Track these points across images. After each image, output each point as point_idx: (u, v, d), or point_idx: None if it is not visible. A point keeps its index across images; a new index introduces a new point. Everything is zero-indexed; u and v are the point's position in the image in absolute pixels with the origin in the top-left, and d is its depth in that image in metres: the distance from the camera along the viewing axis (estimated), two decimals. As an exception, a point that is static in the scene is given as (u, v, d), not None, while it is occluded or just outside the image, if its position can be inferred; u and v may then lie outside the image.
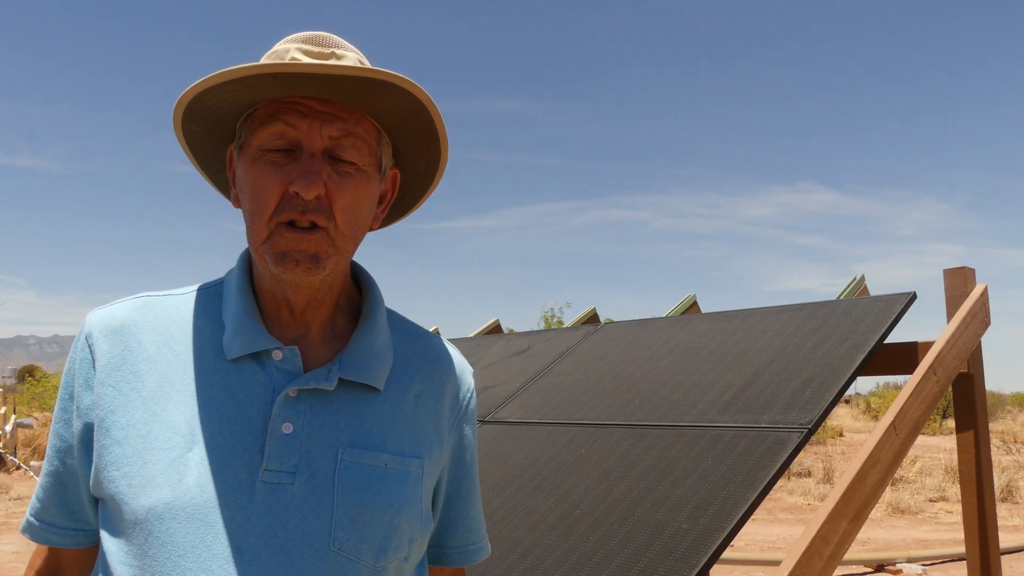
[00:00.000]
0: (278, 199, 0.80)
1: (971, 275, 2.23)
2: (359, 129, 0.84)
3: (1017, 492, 10.07)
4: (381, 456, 0.84)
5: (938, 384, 1.96)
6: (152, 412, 0.81)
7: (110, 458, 0.80)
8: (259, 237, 0.82)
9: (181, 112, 0.84)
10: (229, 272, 0.92)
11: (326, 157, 0.82)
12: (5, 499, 9.17)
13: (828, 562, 1.51)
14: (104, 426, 0.81)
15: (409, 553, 0.86)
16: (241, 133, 0.86)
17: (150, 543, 0.76)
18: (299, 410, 0.82)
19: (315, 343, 0.88)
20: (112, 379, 0.83)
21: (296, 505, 0.79)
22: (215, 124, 0.88)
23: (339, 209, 0.82)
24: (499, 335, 3.43)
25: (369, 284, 0.94)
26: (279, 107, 0.82)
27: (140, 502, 0.77)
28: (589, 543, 1.63)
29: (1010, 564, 6.41)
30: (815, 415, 1.78)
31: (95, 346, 0.85)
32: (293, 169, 0.81)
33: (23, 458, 12.14)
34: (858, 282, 2.84)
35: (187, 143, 0.90)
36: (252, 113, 0.85)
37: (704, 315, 2.69)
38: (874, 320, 2.13)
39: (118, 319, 0.86)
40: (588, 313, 3.65)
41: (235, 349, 0.83)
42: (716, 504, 1.60)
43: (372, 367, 0.88)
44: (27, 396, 19.40)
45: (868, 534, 7.75)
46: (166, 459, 0.79)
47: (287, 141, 0.82)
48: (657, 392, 2.23)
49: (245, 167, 0.84)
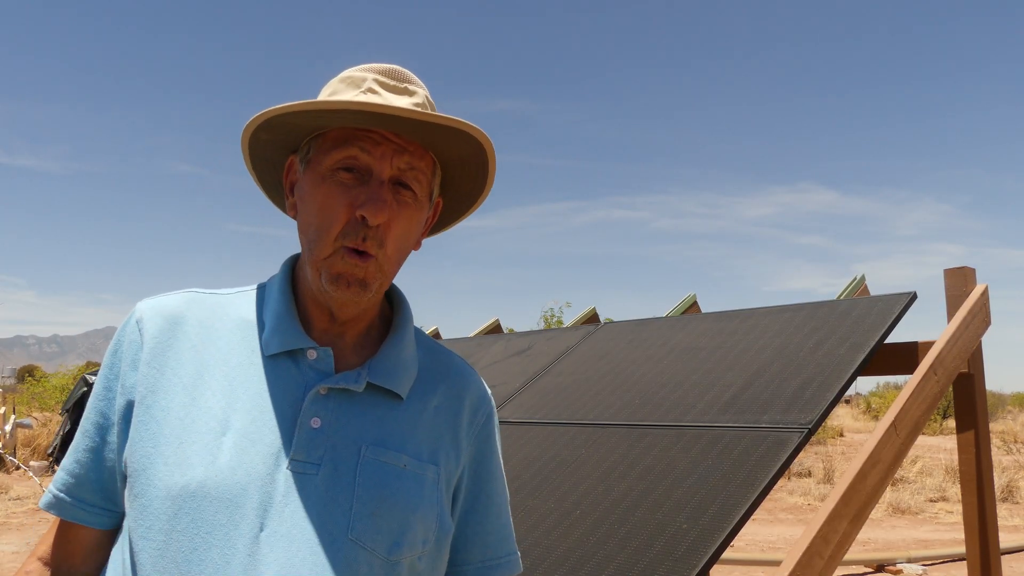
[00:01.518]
0: (344, 222, 0.86)
1: (971, 275, 2.23)
2: (422, 163, 0.90)
3: (1017, 492, 10.06)
4: (401, 457, 0.89)
5: (938, 384, 1.96)
6: (191, 397, 0.86)
7: (147, 434, 0.85)
8: (322, 253, 0.87)
9: (259, 123, 0.89)
10: (272, 277, 0.98)
11: (390, 185, 0.88)
12: (5, 499, 9.17)
13: (828, 562, 1.51)
14: (145, 404, 0.86)
15: (423, 553, 0.90)
16: (309, 148, 0.91)
17: (179, 518, 0.81)
18: (328, 407, 0.88)
19: (348, 349, 0.94)
20: (157, 362, 0.88)
21: (318, 495, 0.84)
22: (285, 134, 0.93)
23: (393, 236, 0.88)
24: (499, 335, 3.42)
25: (400, 300, 1.01)
26: (354, 132, 0.88)
27: (175, 479, 0.82)
28: (589, 543, 1.63)
29: (1010, 564, 6.40)
30: (815, 415, 1.78)
31: (145, 330, 0.90)
32: (361, 193, 0.86)
33: (23, 458, 12.14)
34: (858, 282, 2.84)
35: (250, 147, 0.95)
36: (324, 133, 0.90)
37: (704, 315, 2.69)
38: (874, 320, 2.13)
39: (168, 308, 0.92)
40: (588, 313, 3.65)
41: (273, 346, 0.89)
42: (716, 504, 1.60)
43: (398, 375, 0.93)
44: (27, 396, 19.41)
45: (868, 534, 7.75)
46: (201, 442, 0.84)
47: (358, 164, 0.87)
48: (657, 392, 2.22)
49: (313, 183, 0.89)
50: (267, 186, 1.03)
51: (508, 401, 2.59)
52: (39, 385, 20.23)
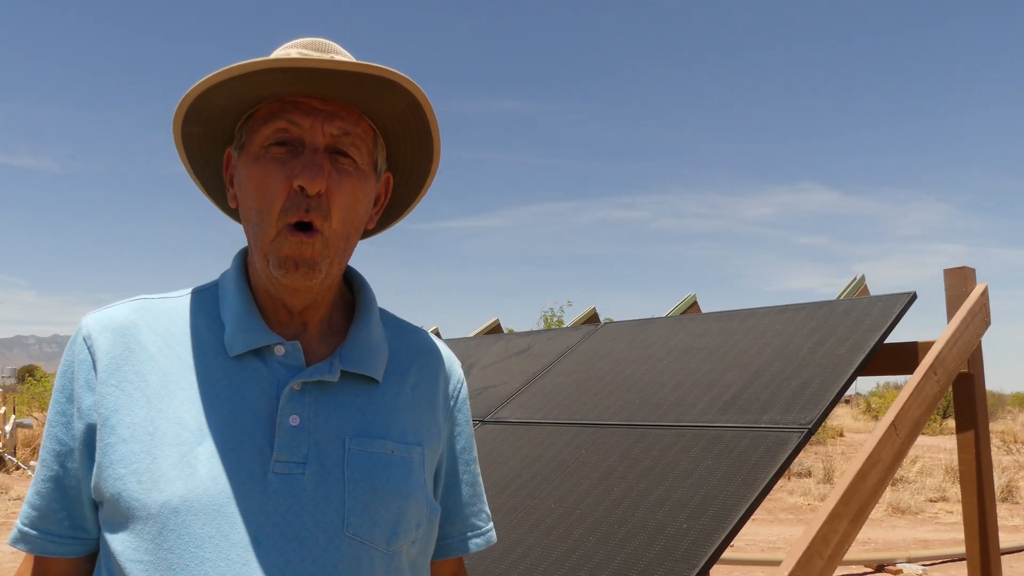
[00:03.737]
0: (284, 196, 0.83)
1: (971, 275, 2.23)
2: (358, 129, 0.87)
3: (1017, 492, 10.07)
4: (386, 444, 0.87)
5: (938, 384, 1.96)
6: (157, 409, 0.82)
7: (116, 456, 0.80)
8: (267, 236, 0.84)
9: (184, 111, 0.86)
10: (224, 274, 0.94)
11: (327, 154, 0.85)
12: (5, 499, 9.17)
13: (828, 562, 1.51)
14: (108, 424, 0.81)
15: (417, 537, 0.89)
16: (241, 134, 0.89)
17: (165, 536, 0.77)
18: (304, 403, 0.85)
19: (313, 339, 0.91)
20: (114, 379, 0.83)
21: (308, 494, 0.81)
22: (215, 126, 0.90)
23: (337, 207, 0.84)
24: (499, 335, 3.43)
25: (360, 282, 0.98)
26: (281, 106, 0.85)
27: (152, 497, 0.78)
28: (589, 543, 1.63)
29: (1010, 564, 6.41)
30: (815, 415, 1.78)
31: (95, 347, 0.85)
32: (296, 164, 0.83)
33: (23, 458, 12.13)
34: (858, 282, 2.84)
35: (185, 147, 0.92)
36: (253, 114, 0.88)
37: (704, 315, 2.69)
38: (874, 320, 2.13)
39: (117, 320, 0.87)
40: (588, 313, 3.65)
41: (238, 346, 0.85)
42: (716, 504, 1.60)
43: (371, 359, 0.91)
44: (27, 396, 19.41)
45: (868, 534, 7.75)
46: (176, 454, 0.80)
47: (290, 137, 0.84)
48: (657, 392, 2.23)
49: (247, 165, 0.86)
50: (213, 192, 1.00)
51: (508, 401, 2.59)
52: (39, 385, 20.24)
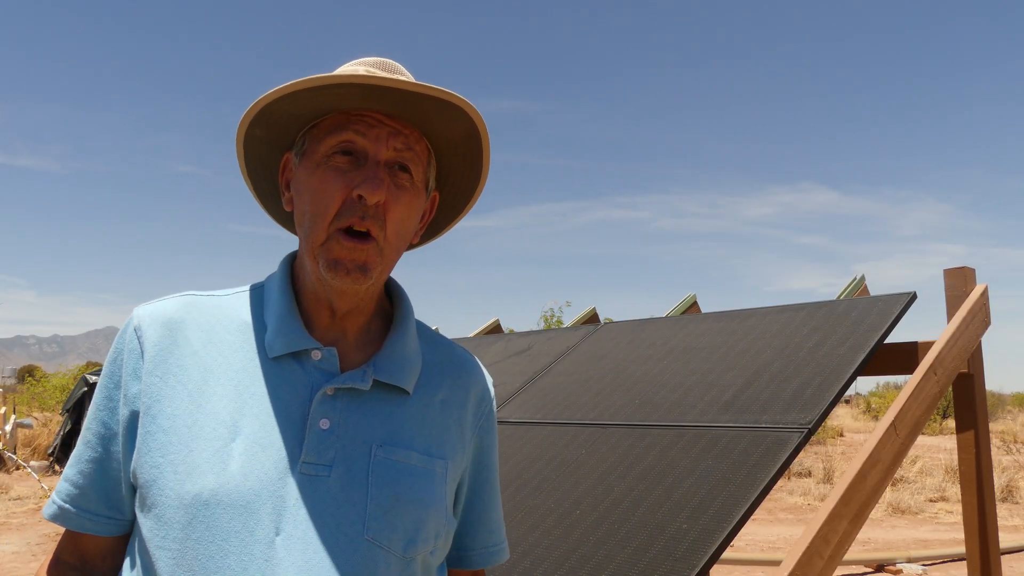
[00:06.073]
0: (340, 203, 0.86)
1: (971, 275, 2.23)
2: (418, 147, 0.91)
3: (1017, 492, 10.06)
4: (411, 454, 0.90)
5: (938, 384, 1.96)
6: (197, 404, 0.86)
7: (155, 444, 0.84)
8: (317, 239, 0.87)
9: (253, 114, 0.89)
10: (271, 276, 0.97)
11: (387, 168, 0.88)
12: (5, 499, 9.17)
13: (828, 562, 1.51)
14: (150, 414, 0.85)
15: (435, 548, 0.91)
16: (304, 141, 0.92)
17: (193, 527, 0.80)
18: (336, 408, 0.87)
19: (351, 346, 0.94)
20: (159, 370, 0.87)
21: (332, 496, 0.84)
22: (279, 131, 0.93)
23: (392, 219, 0.88)
24: (499, 335, 3.43)
25: (400, 294, 1.01)
26: (348, 119, 0.88)
27: (185, 488, 0.81)
28: (589, 543, 1.63)
29: (1010, 564, 6.41)
30: (815, 415, 1.78)
31: (144, 337, 0.89)
32: (357, 175, 0.86)
33: (23, 458, 12.14)
34: (858, 282, 2.84)
35: (244, 144, 0.95)
36: (318, 123, 0.91)
37: (704, 315, 2.69)
38: (874, 320, 2.13)
39: (166, 314, 0.91)
40: (588, 313, 3.65)
41: (277, 348, 0.89)
42: (716, 504, 1.60)
43: (403, 371, 0.93)
44: (27, 396, 19.42)
45: (868, 534, 7.75)
46: (211, 448, 0.83)
47: (355, 148, 0.88)
48: (657, 392, 2.23)
49: (308, 171, 0.89)
50: (262, 195, 1.02)
51: (508, 401, 2.59)
52: (39, 385, 20.24)
